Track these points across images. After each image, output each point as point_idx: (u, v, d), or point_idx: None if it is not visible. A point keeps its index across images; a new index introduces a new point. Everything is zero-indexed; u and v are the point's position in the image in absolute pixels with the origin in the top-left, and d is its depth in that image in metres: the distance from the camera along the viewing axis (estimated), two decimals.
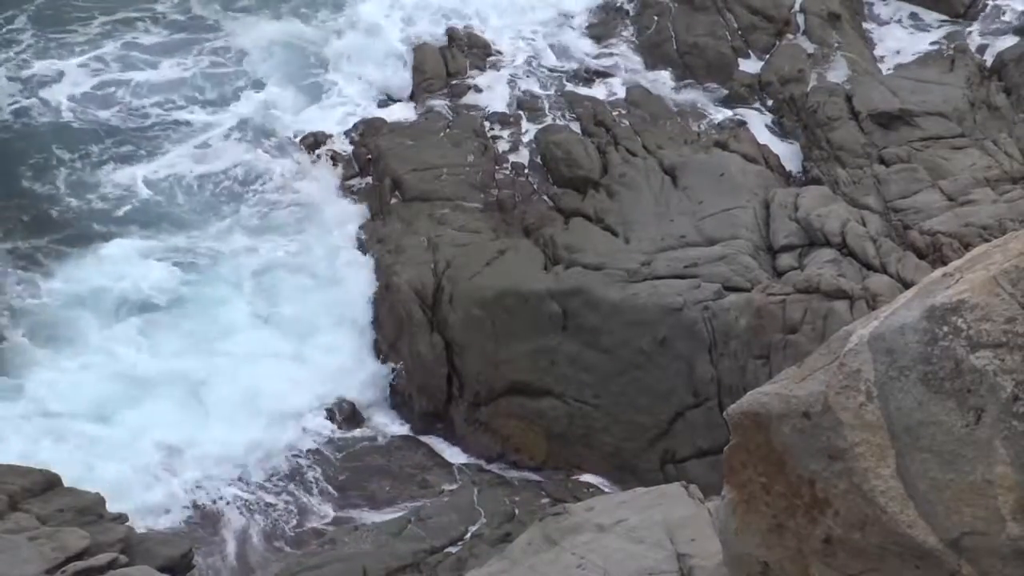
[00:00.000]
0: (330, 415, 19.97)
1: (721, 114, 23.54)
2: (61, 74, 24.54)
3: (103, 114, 23.90)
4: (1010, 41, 24.30)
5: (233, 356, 20.27)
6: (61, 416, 19.03)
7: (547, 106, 23.76)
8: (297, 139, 23.55)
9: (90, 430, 18.89)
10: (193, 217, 22.35)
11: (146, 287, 20.96)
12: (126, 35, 25.61)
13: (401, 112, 23.87)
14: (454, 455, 19.82)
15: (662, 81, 24.27)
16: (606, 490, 18.14)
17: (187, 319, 20.75)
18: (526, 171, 22.61)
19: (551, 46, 25.14)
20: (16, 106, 23.90)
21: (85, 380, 19.60)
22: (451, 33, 25.34)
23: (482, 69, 24.68)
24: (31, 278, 20.95)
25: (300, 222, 22.38)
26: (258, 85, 24.59)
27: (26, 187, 22.49)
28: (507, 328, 19.69)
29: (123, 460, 18.54)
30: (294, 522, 18.48)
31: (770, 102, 23.73)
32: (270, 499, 18.76)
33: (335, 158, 23.20)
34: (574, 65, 24.76)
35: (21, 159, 22.98)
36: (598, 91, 24.03)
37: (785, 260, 19.54)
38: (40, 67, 24.62)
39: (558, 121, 23.38)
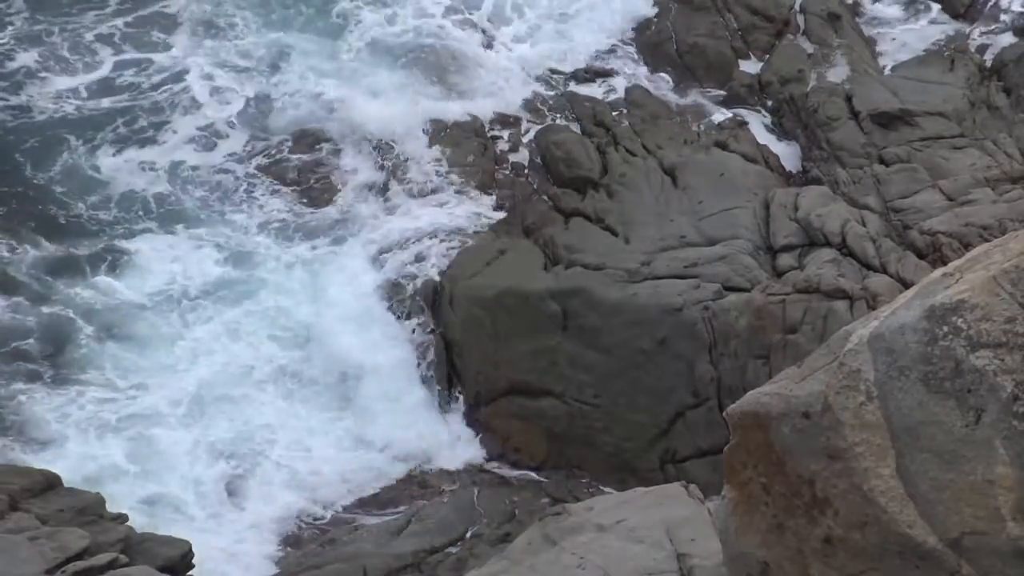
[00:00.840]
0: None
1: (721, 114, 23.50)
2: (68, 62, 24.17)
3: (112, 105, 23.49)
4: (1010, 41, 24.29)
5: (277, 355, 20.19)
6: (125, 419, 18.96)
7: (547, 106, 23.74)
8: (311, 133, 23.31)
9: (157, 434, 18.83)
10: (215, 210, 22.04)
11: (192, 283, 20.69)
12: (142, 10, 25.11)
13: (402, 110, 23.78)
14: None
15: (662, 81, 24.25)
16: (606, 490, 18.13)
17: (236, 315, 20.57)
18: (526, 171, 22.60)
19: (551, 46, 25.10)
20: (19, 103, 23.52)
21: (143, 381, 19.50)
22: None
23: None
24: (73, 281, 20.54)
25: (327, 214, 22.20)
26: (269, 78, 24.30)
27: (45, 187, 21.88)
28: (507, 328, 19.69)
29: (181, 467, 18.54)
30: (294, 522, 18.46)
31: (770, 102, 23.69)
32: (270, 498, 18.76)
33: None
34: (574, 65, 24.73)
35: (29, 156, 22.45)
36: (598, 91, 24.00)
37: (785, 260, 19.54)
38: (46, 60, 24.30)
39: (558, 121, 23.36)
